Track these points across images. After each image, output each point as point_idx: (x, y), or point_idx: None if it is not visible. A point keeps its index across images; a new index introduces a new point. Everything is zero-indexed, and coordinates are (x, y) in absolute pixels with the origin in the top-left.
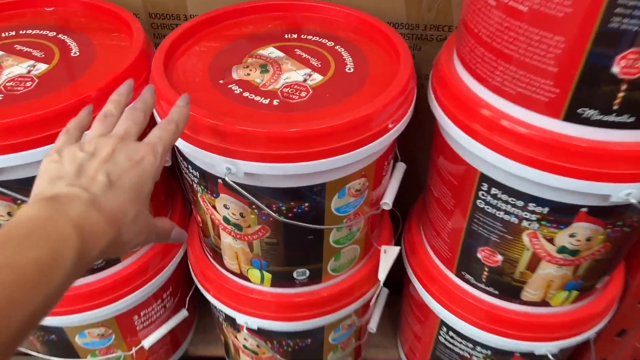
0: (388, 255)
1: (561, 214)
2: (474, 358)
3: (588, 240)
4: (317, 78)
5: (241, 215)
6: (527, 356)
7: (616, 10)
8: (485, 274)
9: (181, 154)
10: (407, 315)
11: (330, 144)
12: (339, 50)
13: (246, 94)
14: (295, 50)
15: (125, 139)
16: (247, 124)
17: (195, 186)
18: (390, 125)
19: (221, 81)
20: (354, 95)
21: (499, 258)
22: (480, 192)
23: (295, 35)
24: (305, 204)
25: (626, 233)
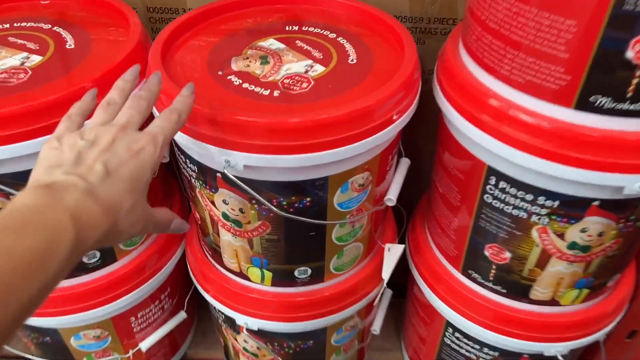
0: (392, 254)
1: (572, 208)
2: None
3: (600, 235)
4: (319, 69)
5: (241, 210)
6: (536, 358)
7: None
8: (492, 272)
9: (179, 148)
10: (412, 317)
11: (332, 135)
12: (341, 42)
13: (246, 85)
14: (297, 42)
15: (127, 129)
16: (247, 114)
17: (193, 181)
18: (395, 117)
19: (220, 72)
20: (357, 86)
21: (507, 255)
22: (488, 187)
23: (296, 27)
24: (307, 199)
25: (639, 228)
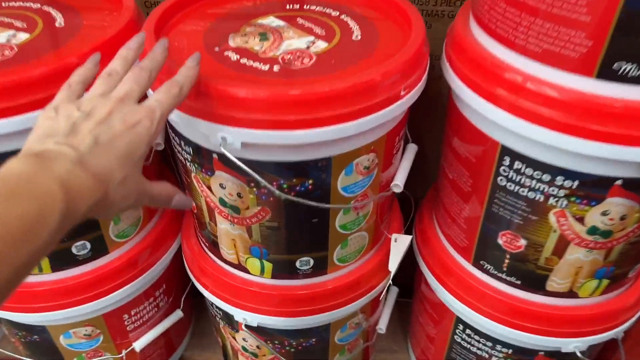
0: (399, 245)
1: (593, 189)
2: (494, 358)
3: (622, 219)
4: (322, 45)
5: (239, 195)
6: (553, 355)
7: None
8: (506, 262)
9: (173, 129)
10: (419, 315)
11: (335, 109)
12: (344, 19)
13: (244, 61)
14: (298, 19)
15: (125, 101)
16: (244, 85)
17: (188, 165)
18: (402, 92)
19: (217, 49)
20: (362, 61)
21: (522, 243)
22: (502, 168)
23: (297, 6)
24: (309, 182)
25: None
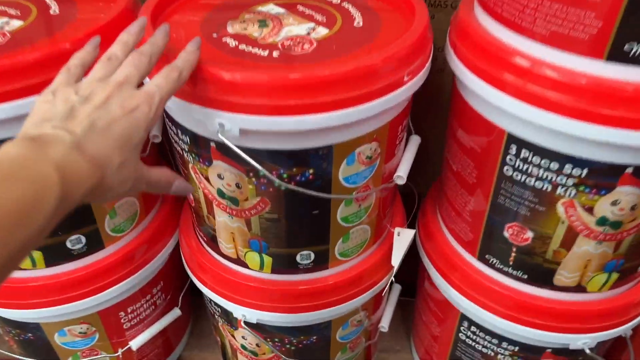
0: (402, 239)
1: (602, 177)
2: (500, 356)
3: (632, 209)
4: (322, 32)
5: (237, 186)
6: (561, 353)
7: None
8: (512, 255)
9: (170, 118)
10: (423, 313)
11: (336, 94)
12: (345, 7)
13: (242, 47)
14: (298, 6)
15: (123, 85)
16: (242, 70)
17: (185, 156)
18: (405, 79)
19: (215, 35)
20: (364, 47)
21: (529, 235)
22: (508, 157)
23: None
24: (310, 171)
25: None
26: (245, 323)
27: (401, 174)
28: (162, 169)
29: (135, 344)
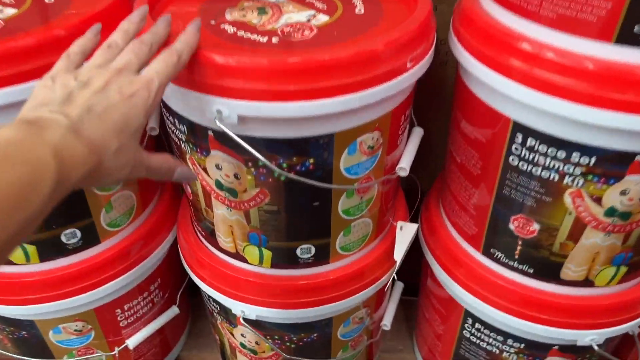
0: (405, 233)
1: (611, 165)
2: (505, 354)
3: None
4: (323, 19)
5: (236, 176)
6: (568, 350)
7: None
8: (518, 249)
9: (166, 107)
10: (426, 311)
11: (337, 79)
12: None
13: (241, 33)
14: None
15: (122, 72)
16: (240, 54)
17: (183, 146)
18: (408, 65)
19: (212, 22)
20: (366, 33)
21: (536, 227)
22: (514, 146)
23: None
24: (310, 161)
25: None
26: (245, 320)
27: (404, 166)
28: (164, 155)
29: (132, 342)
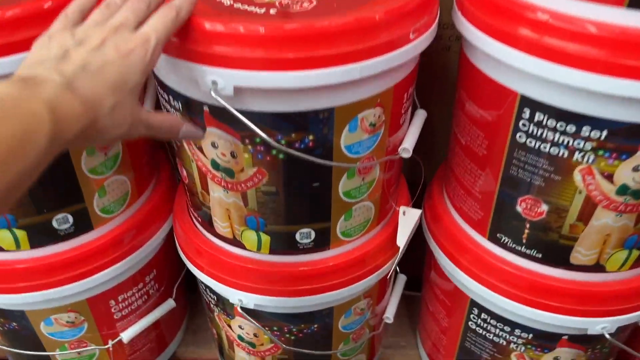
0: (408, 219)
1: (623, 139)
2: (512, 345)
3: None
4: None
5: (232, 155)
6: (578, 340)
7: None
8: (526, 232)
9: (161, 83)
10: (430, 303)
11: (337, 47)
12: None
13: (237, 5)
14: None
15: (120, 29)
16: (236, 21)
17: None
18: (412, 36)
19: None
20: (367, 4)
21: (544, 208)
22: (521, 122)
23: None
24: (310, 137)
25: None
26: (242, 309)
27: (407, 147)
28: (167, 114)
29: (126, 336)
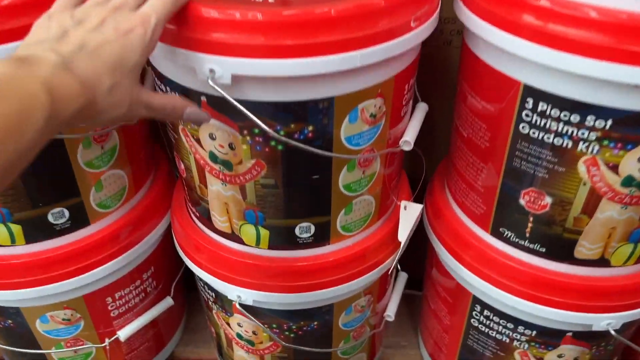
0: (409, 213)
1: (629, 128)
2: (515, 343)
3: None
4: None
5: (230, 146)
6: (583, 337)
7: None
8: (529, 226)
9: (158, 74)
10: (431, 302)
11: (337, 34)
12: None
13: None
14: None
15: (120, 9)
16: (233, 7)
17: None
18: (413, 24)
19: None
20: None
21: (548, 201)
22: (524, 113)
23: None
24: (309, 128)
25: None
26: (241, 305)
27: (408, 139)
28: (170, 95)
29: (123, 334)
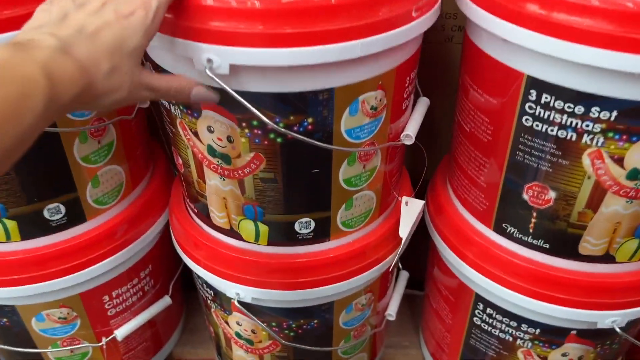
0: (410, 209)
1: (634, 120)
2: (519, 341)
3: None
4: None
5: (229, 139)
6: (587, 335)
7: None
8: (533, 222)
9: (155, 65)
10: (433, 301)
11: (337, 23)
12: None
13: None
14: None
15: None
16: None
17: (173, 110)
18: (414, 14)
19: None
20: None
21: (551, 195)
22: (527, 105)
23: None
24: (309, 120)
25: None
26: (240, 303)
27: (409, 133)
28: (176, 75)
29: (120, 333)
